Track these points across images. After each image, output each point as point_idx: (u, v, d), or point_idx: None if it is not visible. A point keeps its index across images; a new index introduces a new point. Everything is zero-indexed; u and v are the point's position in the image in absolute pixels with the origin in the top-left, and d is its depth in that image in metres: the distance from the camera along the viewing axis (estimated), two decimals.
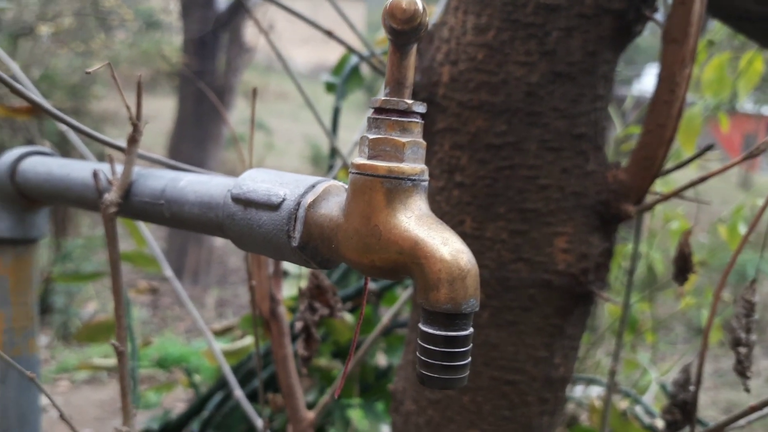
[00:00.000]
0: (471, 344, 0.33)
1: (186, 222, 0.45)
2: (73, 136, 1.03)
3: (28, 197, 0.62)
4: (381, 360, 1.34)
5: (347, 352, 1.20)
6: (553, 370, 0.70)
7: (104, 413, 3.29)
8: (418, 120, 0.35)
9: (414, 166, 0.34)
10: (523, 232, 0.66)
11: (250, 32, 5.99)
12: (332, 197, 0.37)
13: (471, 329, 0.33)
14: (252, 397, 1.19)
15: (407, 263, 0.33)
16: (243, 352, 1.23)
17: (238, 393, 0.95)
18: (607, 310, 1.86)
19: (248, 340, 1.26)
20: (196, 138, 5.51)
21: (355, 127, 1.24)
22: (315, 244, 0.37)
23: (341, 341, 1.20)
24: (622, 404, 1.07)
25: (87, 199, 0.53)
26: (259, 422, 0.94)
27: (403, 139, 0.34)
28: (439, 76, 0.67)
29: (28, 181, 0.60)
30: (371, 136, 0.34)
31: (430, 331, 0.33)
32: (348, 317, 1.18)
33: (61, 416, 0.48)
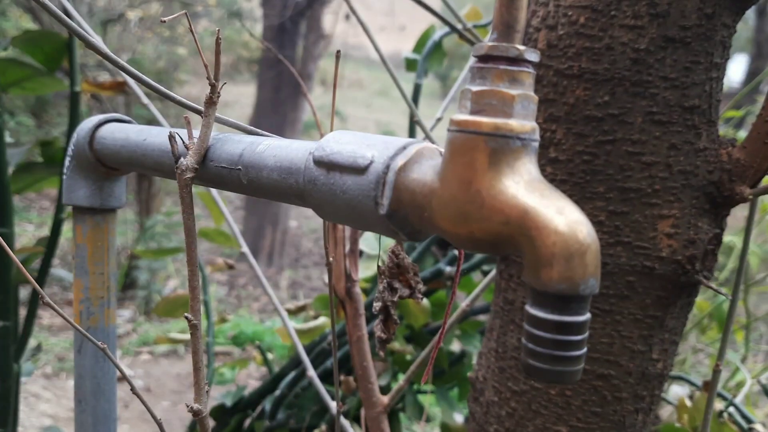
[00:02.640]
0: (587, 332, 0.29)
1: (264, 189, 0.41)
2: (159, 116, 1.03)
3: (106, 165, 0.61)
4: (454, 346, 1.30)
5: (421, 337, 1.17)
6: (650, 365, 0.64)
7: (181, 386, 3.39)
8: (530, 70, 0.30)
9: (524, 123, 0.30)
10: (624, 213, 0.60)
11: (327, 20, 6.02)
12: (425, 160, 0.33)
13: (588, 314, 0.29)
14: (323, 377, 1.18)
15: (514, 235, 0.29)
16: (316, 331, 1.22)
17: (311, 373, 0.93)
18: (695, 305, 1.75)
19: (321, 320, 1.24)
20: (275, 124, 5.60)
21: (430, 115, 1.20)
22: (405, 213, 0.33)
23: (415, 326, 1.16)
24: (717, 405, 0.99)
25: (164, 165, 0.51)
26: (332, 405, 0.92)
27: (513, 92, 0.30)
28: (534, 42, 0.62)
29: (106, 148, 0.58)
30: (475, 88, 0.30)
31: (540, 315, 0.28)
32: (424, 302, 1.14)
33: (132, 390, 0.47)
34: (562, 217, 0.28)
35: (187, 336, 1.34)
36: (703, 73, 0.58)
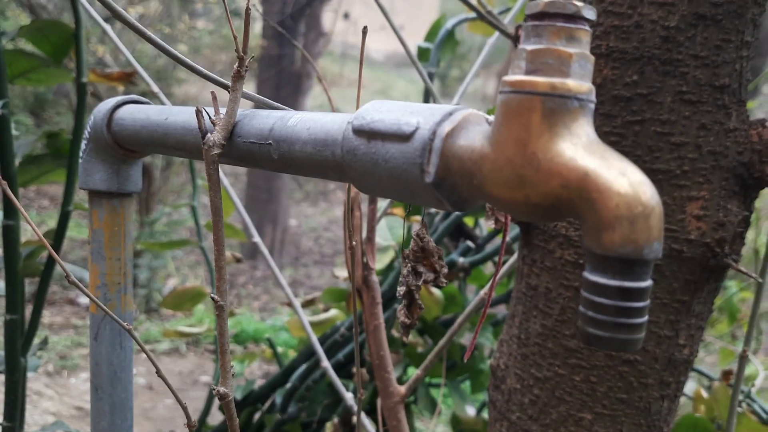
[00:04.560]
0: (649, 300, 0.28)
1: (297, 163, 0.40)
2: (168, 104, 1.02)
3: (125, 147, 0.60)
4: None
5: (434, 329, 1.16)
6: (677, 351, 0.63)
7: (183, 384, 3.37)
8: (587, 28, 0.29)
9: (581, 83, 0.29)
10: None
11: (326, 18, 6.01)
12: (473, 126, 0.32)
13: (650, 281, 0.27)
14: (334, 370, 1.16)
15: (573, 199, 0.28)
16: (327, 324, 1.21)
17: (326, 364, 0.92)
18: None
19: (332, 313, 1.23)
20: None
21: None
22: (453, 180, 0.32)
23: (428, 318, 1.15)
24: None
25: (186, 143, 0.50)
26: (347, 396, 0.91)
27: (570, 50, 0.28)
28: None
29: (125, 129, 0.57)
30: (530, 47, 0.29)
31: (601, 281, 0.27)
32: (437, 292, 1.13)
33: (158, 373, 0.46)
34: (625, 178, 0.27)
35: (196, 329, 1.33)
36: (734, 51, 0.57)
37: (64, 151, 1.31)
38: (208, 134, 0.44)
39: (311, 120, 0.40)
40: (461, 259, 1.11)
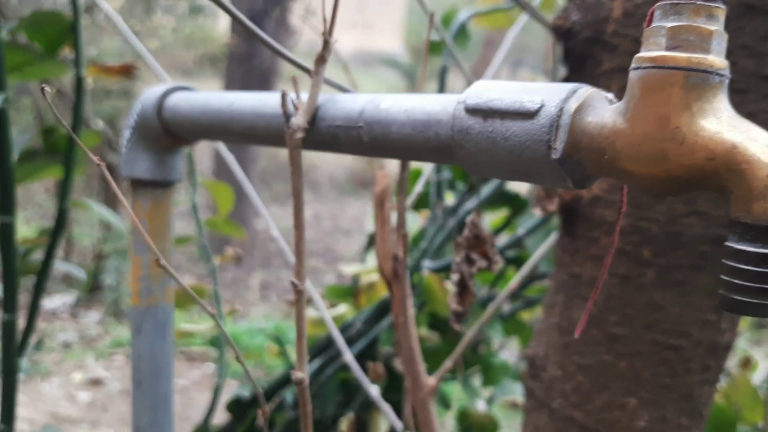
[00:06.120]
0: None
1: (392, 145, 0.40)
2: None
3: (174, 135, 0.59)
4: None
5: (446, 324, 1.16)
6: (719, 336, 0.65)
7: None
8: (723, 6, 0.30)
9: (721, 59, 0.30)
10: None
11: (295, 16, 5.97)
12: (598, 103, 0.33)
13: None
14: (342, 369, 1.16)
15: (719, 171, 0.28)
16: (337, 320, 1.20)
17: (349, 357, 0.91)
18: None
19: (342, 309, 1.23)
20: None
21: None
22: (579, 157, 0.32)
23: (439, 312, 1.15)
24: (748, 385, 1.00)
25: (257, 129, 0.49)
26: (372, 389, 0.90)
27: (710, 27, 0.29)
28: (608, 11, 0.62)
29: (180, 116, 0.56)
30: (669, 24, 0.30)
31: (749, 248, 0.28)
32: (450, 287, 1.13)
33: (237, 358, 0.45)
34: None
35: (199, 327, 1.31)
36: None
37: (59, 147, 1.28)
38: (292, 118, 0.43)
39: (407, 102, 0.40)
40: None
